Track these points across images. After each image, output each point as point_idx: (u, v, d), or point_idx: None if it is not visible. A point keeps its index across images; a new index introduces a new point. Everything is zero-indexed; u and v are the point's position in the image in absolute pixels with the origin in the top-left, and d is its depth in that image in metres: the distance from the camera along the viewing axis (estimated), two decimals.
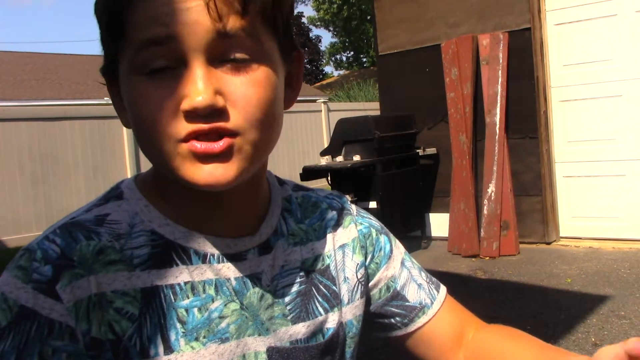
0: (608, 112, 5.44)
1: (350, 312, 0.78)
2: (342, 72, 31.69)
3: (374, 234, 0.83)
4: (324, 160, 5.59)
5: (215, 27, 0.58)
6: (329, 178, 5.64)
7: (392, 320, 0.83)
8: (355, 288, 0.79)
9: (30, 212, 8.50)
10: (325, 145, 8.55)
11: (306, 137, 12.90)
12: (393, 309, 0.82)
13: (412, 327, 0.82)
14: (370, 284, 0.82)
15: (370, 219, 0.86)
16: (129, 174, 9.63)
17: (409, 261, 0.86)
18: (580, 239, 5.67)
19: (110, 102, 0.72)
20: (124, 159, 9.68)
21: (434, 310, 0.82)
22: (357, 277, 0.79)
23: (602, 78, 5.44)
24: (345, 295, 0.78)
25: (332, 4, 28.90)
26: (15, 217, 8.36)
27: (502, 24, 5.69)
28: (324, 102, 14.22)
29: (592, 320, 3.68)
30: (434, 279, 0.87)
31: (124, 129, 9.65)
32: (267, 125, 0.63)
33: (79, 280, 0.61)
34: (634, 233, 5.38)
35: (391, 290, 0.82)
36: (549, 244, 5.67)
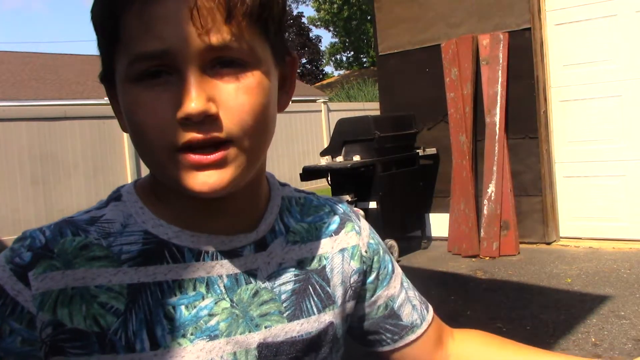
0: (608, 112, 5.44)
1: (340, 314, 0.80)
2: (342, 72, 31.68)
3: (381, 252, 0.86)
4: (324, 160, 5.59)
5: (203, 39, 0.59)
6: (328, 178, 5.64)
7: (383, 336, 0.86)
8: (347, 292, 0.81)
9: (30, 212, 8.50)
10: (325, 145, 8.55)
11: (306, 137, 12.90)
12: (387, 326, 0.85)
13: (400, 344, 0.86)
14: (369, 302, 0.84)
15: (377, 235, 0.88)
16: (129, 174, 9.63)
17: (406, 282, 0.89)
18: (580, 239, 5.67)
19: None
20: (124, 159, 9.68)
21: (422, 330, 0.87)
22: (350, 281, 0.81)
23: (602, 78, 5.44)
24: (339, 298, 0.79)
25: (333, 4, 28.90)
26: (15, 217, 8.36)
27: (502, 24, 5.69)
28: (324, 102, 14.23)
29: (592, 320, 3.68)
30: (423, 298, 0.91)
31: None
32: (260, 132, 0.64)
33: (53, 272, 0.63)
34: (634, 233, 5.38)
35: (388, 309, 0.85)
36: (549, 244, 5.67)
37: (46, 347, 0.63)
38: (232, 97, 0.61)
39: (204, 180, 0.61)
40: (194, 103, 0.58)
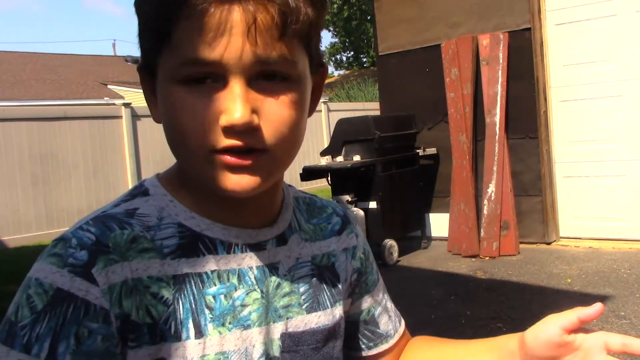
0: (608, 112, 5.44)
1: (343, 309, 0.84)
2: (342, 72, 31.66)
3: (371, 259, 0.91)
4: (324, 160, 5.59)
5: (256, 53, 0.62)
6: (328, 178, 5.64)
7: (360, 341, 0.90)
8: (348, 289, 0.86)
9: (30, 212, 8.50)
10: (325, 145, 8.55)
11: (306, 137, 12.77)
12: (365, 332, 0.89)
13: (373, 352, 0.90)
14: (355, 304, 0.88)
15: (367, 243, 0.92)
16: (129, 174, 9.62)
17: (385, 292, 0.94)
18: (580, 239, 5.67)
19: (110, 102, 0.74)
20: (124, 159, 9.67)
21: (394, 340, 0.91)
22: (351, 279, 0.86)
23: (602, 78, 5.44)
24: (344, 293, 0.84)
25: (333, 4, 28.91)
26: (15, 217, 8.37)
27: (502, 24, 5.69)
28: (324, 102, 14.23)
29: (592, 321, 3.67)
30: (397, 312, 0.95)
31: (124, 128, 9.66)
32: (294, 142, 0.68)
33: (113, 265, 0.65)
34: (634, 233, 5.38)
35: (370, 315, 0.89)
36: (549, 244, 5.67)
37: (119, 342, 0.64)
38: (274, 111, 0.64)
39: (237, 181, 0.64)
40: (239, 114, 0.61)
